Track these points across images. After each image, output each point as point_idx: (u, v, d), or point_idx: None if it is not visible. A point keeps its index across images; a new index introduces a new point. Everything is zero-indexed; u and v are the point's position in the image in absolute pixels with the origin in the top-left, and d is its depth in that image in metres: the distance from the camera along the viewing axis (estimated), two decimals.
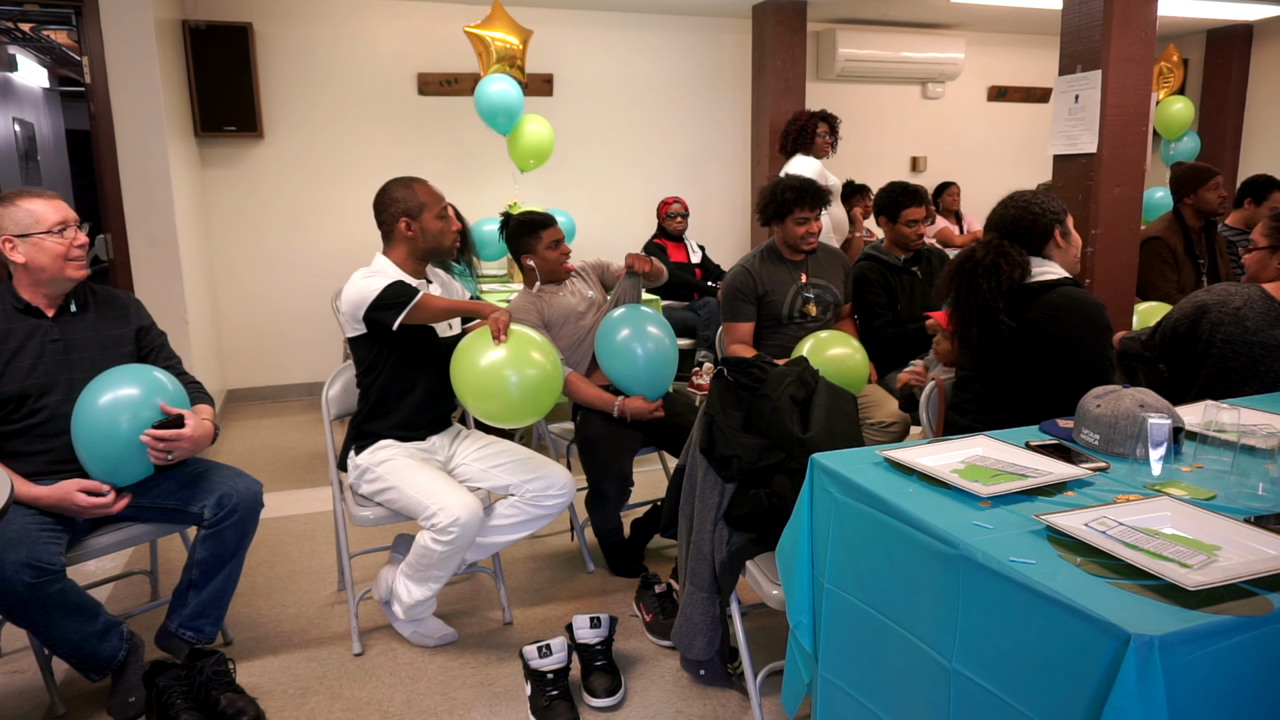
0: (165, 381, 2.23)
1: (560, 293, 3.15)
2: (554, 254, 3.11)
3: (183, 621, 2.36)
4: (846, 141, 6.53)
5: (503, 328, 2.32)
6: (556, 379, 2.40)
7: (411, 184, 2.55)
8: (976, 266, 2.28)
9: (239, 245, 5.45)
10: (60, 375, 2.27)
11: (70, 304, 2.35)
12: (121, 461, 2.16)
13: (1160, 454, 1.69)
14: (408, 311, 2.37)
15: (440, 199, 2.58)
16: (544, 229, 3.10)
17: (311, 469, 4.26)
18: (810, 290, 3.25)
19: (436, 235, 2.55)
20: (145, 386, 2.18)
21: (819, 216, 3.21)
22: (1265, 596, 1.20)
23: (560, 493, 2.56)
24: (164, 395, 2.19)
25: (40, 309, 2.30)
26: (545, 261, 3.11)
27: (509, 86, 4.78)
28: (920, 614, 1.48)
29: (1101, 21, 3.52)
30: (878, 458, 1.76)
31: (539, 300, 3.11)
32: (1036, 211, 2.36)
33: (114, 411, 2.12)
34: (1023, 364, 2.26)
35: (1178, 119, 6.26)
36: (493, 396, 2.33)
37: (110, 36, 3.91)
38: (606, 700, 2.29)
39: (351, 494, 2.63)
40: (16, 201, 2.23)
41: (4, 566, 1.96)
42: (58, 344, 2.29)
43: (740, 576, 2.17)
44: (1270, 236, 2.59)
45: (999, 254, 2.28)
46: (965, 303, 2.31)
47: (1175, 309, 2.66)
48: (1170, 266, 4.04)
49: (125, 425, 2.12)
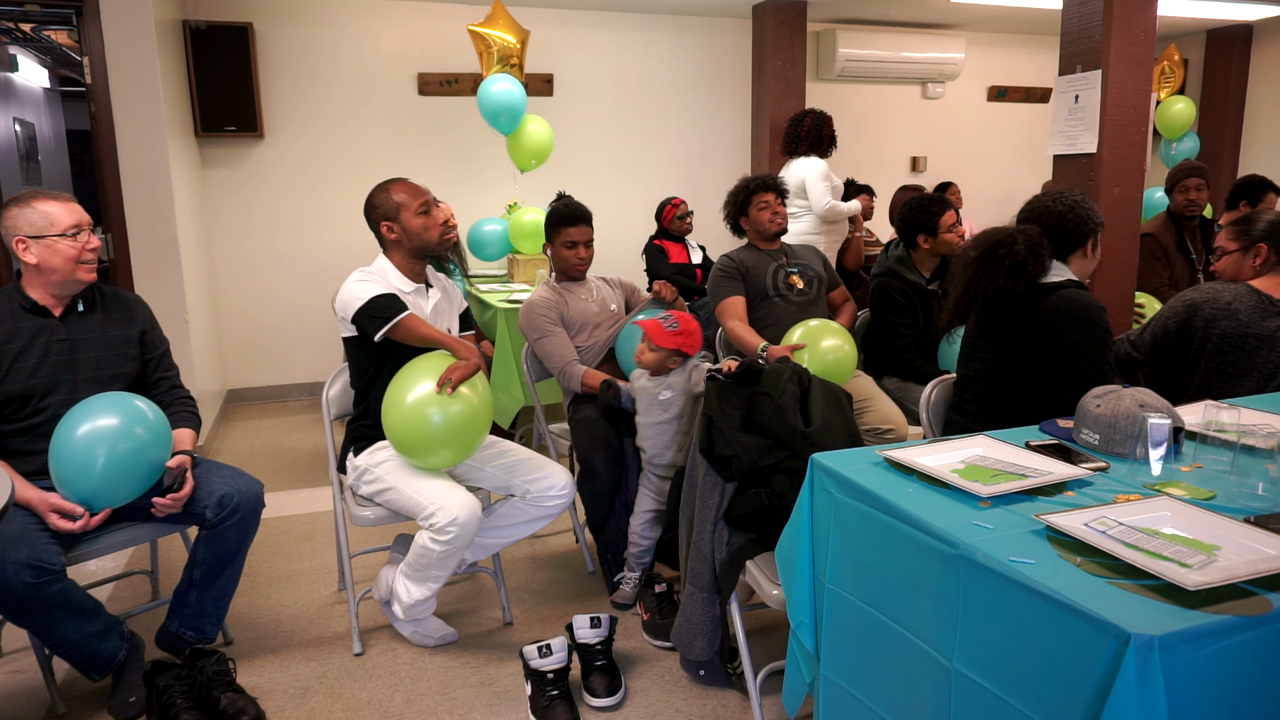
0: (146, 410, 2.19)
1: (583, 295, 3.15)
2: (567, 254, 3.09)
3: (183, 621, 2.37)
4: (847, 141, 6.55)
5: (455, 382, 2.31)
6: (471, 444, 2.43)
7: (387, 186, 2.55)
8: (1007, 257, 2.22)
9: (239, 245, 5.46)
10: (65, 375, 2.28)
11: (78, 304, 2.35)
12: (96, 493, 2.12)
13: (1160, 454, 1.69)
14: (389, 328, 2.40)
15: (419, 194, 2.56)
16: (566, 226, 3.08)
17: (311, 469, 4.26)
18: (792, 266, 3.28)
19: (420, 232, 2.53)
20: (126, 416, 2.14)
21: (781, 201, 3.25)
22: (1265, 596, 1.20)
23: (561, 493, 2.57)
24: (144, 425, 2.16)
25: (48, 308, 2.31)
26: (559, 258, 3.12)
27: (512, 86, 4.77)
28: (920, 614, 1.48)
29: (1101, 21, 3.52)
30: (878, 458, 1.76)
31: (561, 297, 3.10)
32: (1083, 216, 2.34)
33: (90, 445, 2.08)
34: (1023, 364, 2.26)
35: (1179, 119, 6.27)
36: (406, 428, 2.34)
37: (111, 36, 3.91)
38: (607, 700, 2.29)
39: (351, 494, 2.63)
40: (32, 203, 2.24)
41: (5, 567, 1.97)
42: (64, 343, 2.30)
43: (740, 576, 2.18)
44: (1239, 239, 2.63)
45: (1034, 251, 2.23)
46: (976, 288, 2.26)
47: (1165, 308, 2.66)
48: (1161, 263, 4.06)
49: (101, 460, 2.08)
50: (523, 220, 4.73)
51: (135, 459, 2.13)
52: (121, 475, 2.12)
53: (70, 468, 2.09)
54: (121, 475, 2.12)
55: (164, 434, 2.22)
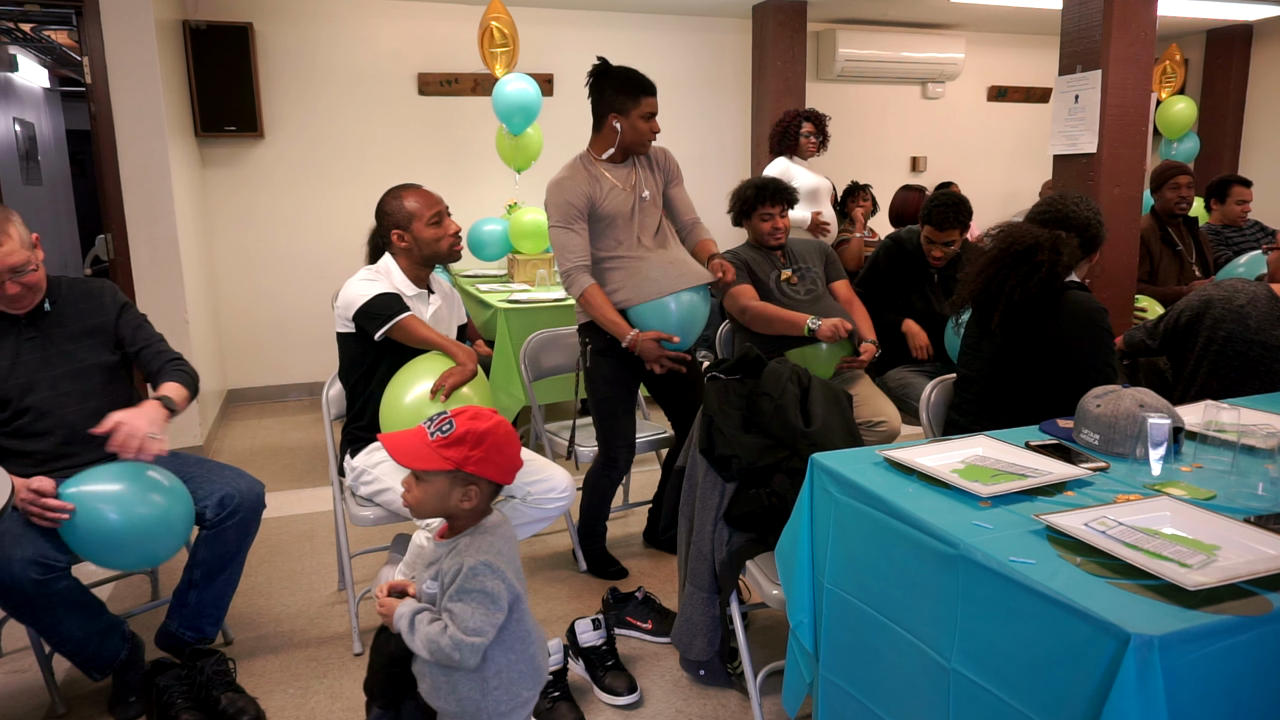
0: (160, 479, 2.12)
1: (619, 183, 2.84)
2: (644, 126, 2.80)
3: (183, 621, 2.37)
4: (847, 141, 6.55)
5: (449, 389, 2.31)
6: None
7: (401, 194, 2.54)
8: (1046, 265, 2.18)
9: (239, 245, 5.46)
10: (42, 373, 2.24)
11: (44, 303, 2.29)
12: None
13: (1160, 454, 1.69)
14: (390, 328, 2.41)
15: (433, 204, 2.54)
16: (647, 95, 2.79)
17: (311, 469, 4.26)
18: (789, 266, 3.28)
19: (431, 243, 2.53)
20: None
21: (784, 213, 3.24)
22: (1265, 596, 1.20)
23: (561, 495, 2.56)
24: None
25: (9, 313, 2.24)
26: (635, 131, 2.80)
27: (527, 85, 4.73)
28: (920, 614, 1.48)
29: (1101, 21, 3.52)
30: (878, 458, 1.76)
31: (596, 184, 2.80)
32: (1100, 224, 2.37)
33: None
34: (1025, 364, 2.26)
35: (1180, 119, 6.27)
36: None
37: (111, 37, 3.91)
38: (631, 697, 2.30)
39: (351, 494, 2.63)
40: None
41: (11, 564, 1.96)
42: (33, 341, 2.26)
43: (740, 576, 2.18)
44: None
45: (1066, 263, 2.20)
46: (1002, 288, 2.22)
47: (1182, 300, 2.67)
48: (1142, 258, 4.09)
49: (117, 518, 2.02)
50: (523, 220, 4.72)
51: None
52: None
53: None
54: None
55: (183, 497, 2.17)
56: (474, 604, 1.56)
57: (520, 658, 1.65)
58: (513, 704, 1.65)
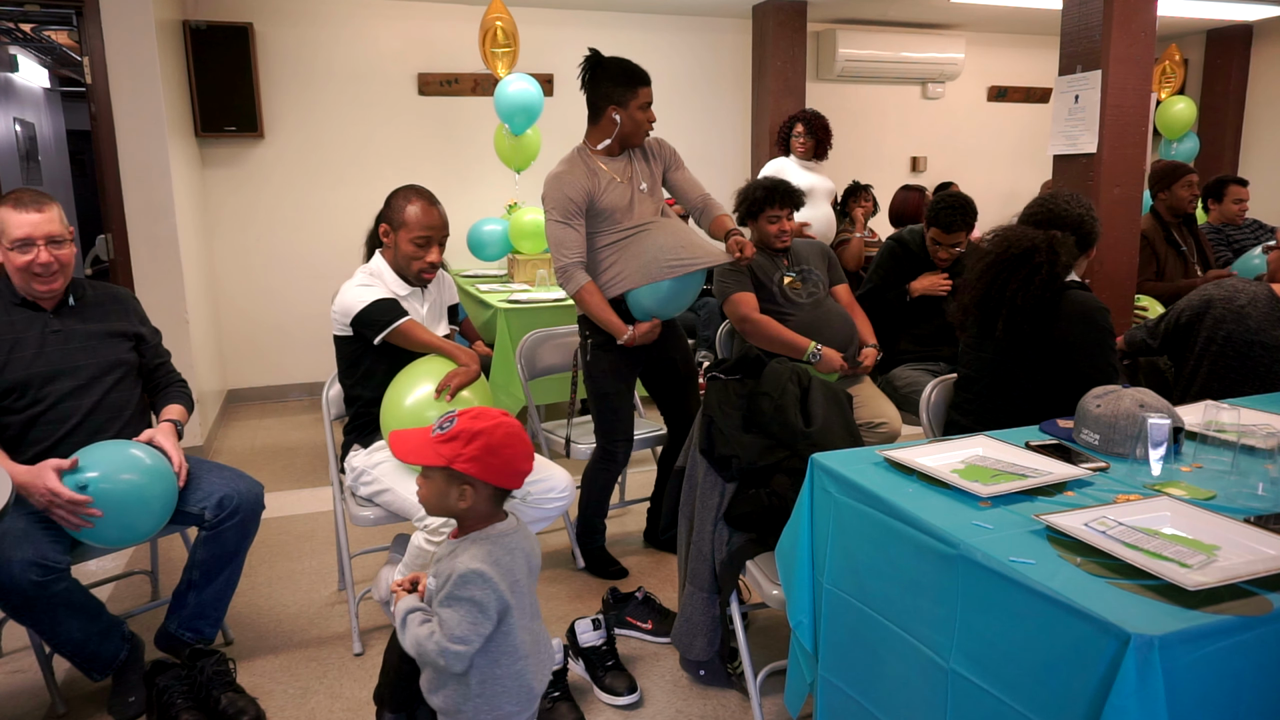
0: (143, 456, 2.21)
1: (617, 176, 2.82)
2: (642, 116, 2.80)
3: (182, 622, 2.37)
4: (847, 141, 6.54)
5: (454, 389, 2.32)
6: None
7: (412, 198, 2.52)
8: (1045, 266, 2.18)
9: (239, 245, 5.46)
10: (64, 364, 2.29)
11: (69, 298, 2.36)
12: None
13: (1160, 454, 1.69)
14: (388, 333, 2.42)
15: (427, 226, 2.48)
16: (643, 85, 2.78)
17: (311, 469, 4.26)
18: (792, 270, 3.27)
19: (406, 257, 2.51)
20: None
21: (790, 216, 3.23)
22: (1265, 596, 1.20)
23: (561, 495, 2.56)
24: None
25: (37, 304, 2.31)
26: (633, 122, 2.79)
27: (530, 86, 4.73)
28: (919, 614, 1.48)
29: (1101, 22, 3.52)
30: (878, 458, 1.76)
31: (594, 178, 2.79)
32: (1093, 220, 2.36)
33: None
34: (1026, 364, 2.26)
35: (1180, 119, 6.27)
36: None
37: (111, 37, 3.91)
38: (631, 698, 2.30)
39: (351, 494, 2.63)
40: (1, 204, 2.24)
41: (11, 565, 1.97)
42: (59, 334, 2.31)
43: (740, 576, 2.17)
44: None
45: (1065, 263, 2.20)
46: (1004, 292, 2.21)
47: (1183, 300, 2.67)
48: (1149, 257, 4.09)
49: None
50: (522, 220, 4.72)
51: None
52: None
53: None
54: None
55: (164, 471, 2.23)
56: (461, 611, 1.55)
57: (506, 673, 1.62)
58: (493, 716, 1.62)
